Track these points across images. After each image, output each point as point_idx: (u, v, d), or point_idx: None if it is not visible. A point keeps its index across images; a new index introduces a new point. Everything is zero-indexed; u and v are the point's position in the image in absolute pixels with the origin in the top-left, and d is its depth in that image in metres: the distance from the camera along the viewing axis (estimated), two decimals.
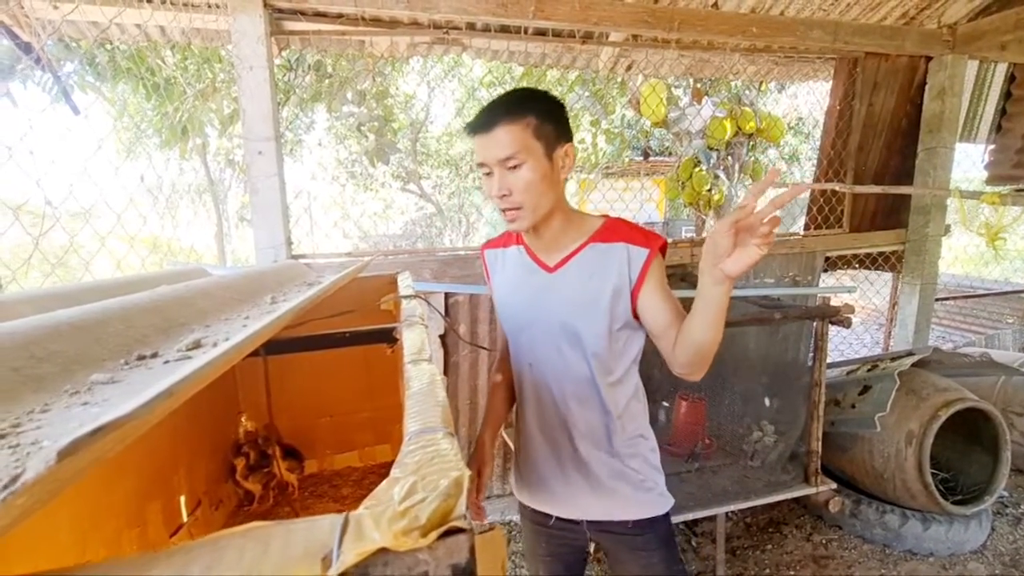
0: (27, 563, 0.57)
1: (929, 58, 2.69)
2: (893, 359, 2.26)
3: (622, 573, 1.15)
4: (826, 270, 2.93)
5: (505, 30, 2.27)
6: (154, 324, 0.52)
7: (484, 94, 7.00)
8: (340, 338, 1.12)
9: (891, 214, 2.95)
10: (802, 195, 3.94)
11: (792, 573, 2.12)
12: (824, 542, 2.28)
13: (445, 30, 2.20)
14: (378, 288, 1.17)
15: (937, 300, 3.19)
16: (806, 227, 2.97)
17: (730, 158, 4.68)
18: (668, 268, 2.10)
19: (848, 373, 2.42)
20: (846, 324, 1.84)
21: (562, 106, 0.99)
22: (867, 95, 2.73)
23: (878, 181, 2.83)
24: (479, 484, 1.14)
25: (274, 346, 1.09)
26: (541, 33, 2.32)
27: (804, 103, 6.53)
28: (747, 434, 2.20)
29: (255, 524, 0.25)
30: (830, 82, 2.89)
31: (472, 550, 0.26)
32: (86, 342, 0.43)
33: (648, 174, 9.98)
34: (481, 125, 0.94)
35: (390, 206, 10.69)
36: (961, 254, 9.49)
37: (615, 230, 1.01)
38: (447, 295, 2.19)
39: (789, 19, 2.43)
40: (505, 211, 0.97)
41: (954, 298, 5.68)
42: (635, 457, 1.08)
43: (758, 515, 2.49)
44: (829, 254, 2.85)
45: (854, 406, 2.24)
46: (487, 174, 0.97)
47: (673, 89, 4.89)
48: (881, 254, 2.96)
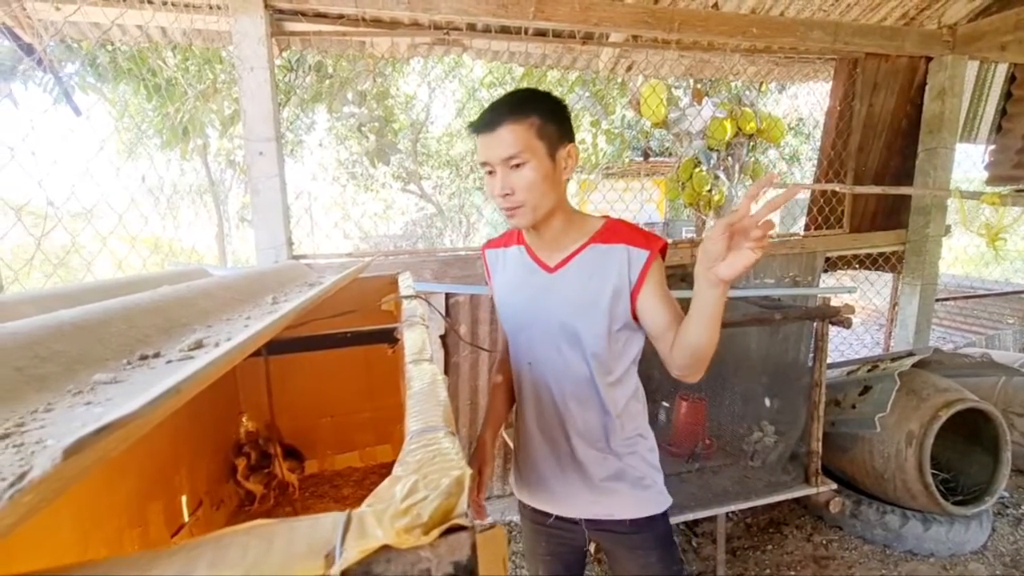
0: (29, 561, 0.58)
1: (929, 59, 2.69)
2: (893, 359, 2.26)
3: (621, 572, 1.15)
4: (826, 270, 2.92)
5: (505, 31, 2.27)
6: (156, 324, 0.52)
7: (484, 95, 7.01)
8: (341, 338, 1.12)
9: (891, 215, 2.95)
10: (803, 195, 3.95)
11: (792, 573, 2.12)
12: (824, 542, 2.28)
13: (445, 31, 2.20)
14: (379, 288, 1.17)
15: (937, 300, 3.18)
16: (806, 227, 2.97)
17: (730, 159, 4.68)
18: (668, 269, 2.11)
19: (848, 373, 2.42)
20: (846, 324, 1.85)
21: (565, 107, 0.99)
22: (867, 96, 2.73)
23: (878, 181, 2.83)
24: (480, 483, 1.14)
25: (275, 346, 1.10)
26: (541, 34, 2.33)
27: (804, 104, 6.54)
28: (747, 434, 2.20)
29: (258, 522, 0.26)
30: (830, 83, 2.89)
31: (473, 547, 0.26)
32: (89, 342, 0.43)
33: (648, 175, 9.98)
34: (485, 124, 0.94)
35: (391, 207, 10.70)
36: (961, 254, 9.48)
37: (616, 231, 1.02)
38: (448, 295, 2.19)
39: (789, 20, 2.43)
40: (506, 209, 0.98)
41: (954, 299, 5.67)
42: (633, 456, 1.08)
43: (758, 515, 2.49)
44: (829, 254, 2.85)
45: (854, 406, 2.24)
46: (490, 173, 0.97)
47: (673, 90, 4.89)
48: (881, 254, 2.96)
